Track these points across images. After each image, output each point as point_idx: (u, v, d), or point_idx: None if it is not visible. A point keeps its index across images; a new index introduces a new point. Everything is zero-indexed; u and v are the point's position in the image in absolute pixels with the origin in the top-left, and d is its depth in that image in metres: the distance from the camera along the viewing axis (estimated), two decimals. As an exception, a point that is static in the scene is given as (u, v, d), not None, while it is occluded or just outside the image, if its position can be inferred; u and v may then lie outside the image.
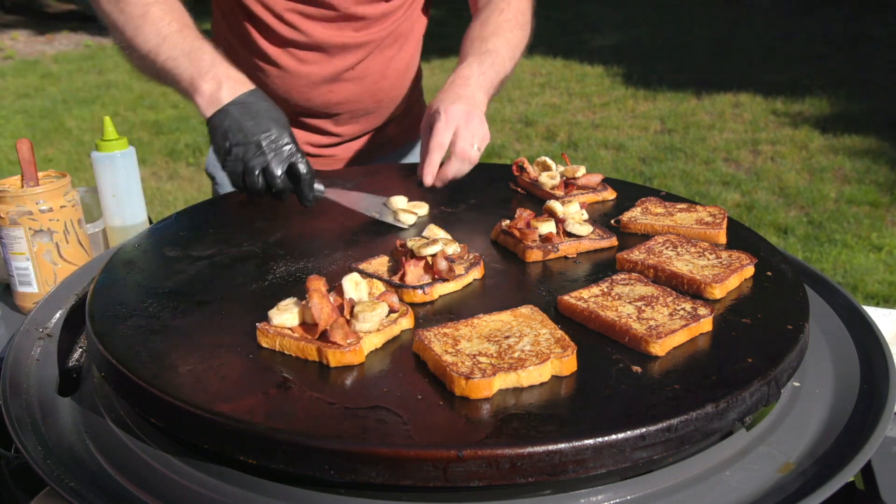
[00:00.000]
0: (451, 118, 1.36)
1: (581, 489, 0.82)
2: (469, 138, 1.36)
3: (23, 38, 9.46)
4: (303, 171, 1.27)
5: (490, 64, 1.50)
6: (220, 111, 1.28)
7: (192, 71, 1.32)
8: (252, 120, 1.26)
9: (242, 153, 1.26)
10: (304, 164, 1.28)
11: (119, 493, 0.85)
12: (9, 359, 1.07)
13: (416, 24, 1.79)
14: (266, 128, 1.26)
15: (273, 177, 1.26)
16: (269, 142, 1.26)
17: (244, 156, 1.26)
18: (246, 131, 1.26)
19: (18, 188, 1.41)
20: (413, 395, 0.85)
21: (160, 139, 5.89)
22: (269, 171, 1.26)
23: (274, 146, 1.26)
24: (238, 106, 1.28)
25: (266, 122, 1.27)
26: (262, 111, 1.28)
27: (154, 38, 1.34)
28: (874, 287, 3.52)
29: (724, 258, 1.13)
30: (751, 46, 8.09)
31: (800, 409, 0.97)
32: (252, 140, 1.25)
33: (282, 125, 1.28)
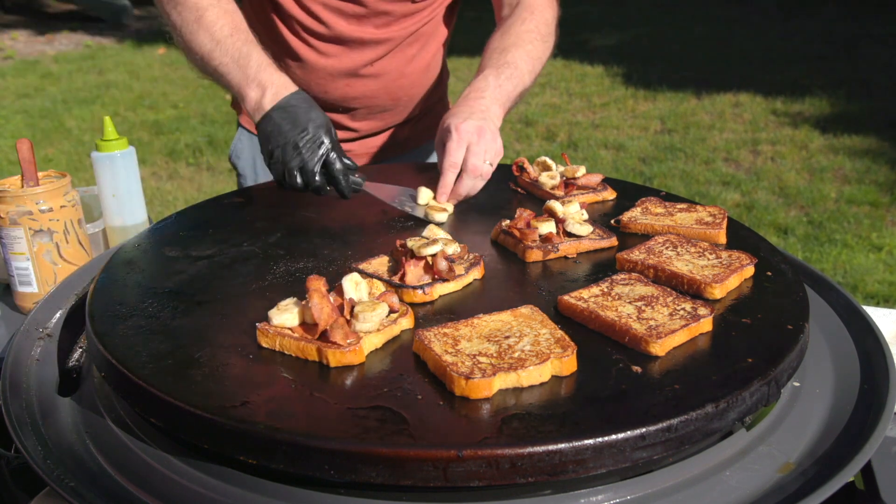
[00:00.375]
0: (462, 136, 1.37)
1: (581, 489, 0.82)
2: (481, 155, 1.37)
3: (23, 38, 9.46)
4: (336, 168, 1.34)
5: (507, 77, 1.50)
6: (263, 117, 1.36)
7: (239, 78, 1.39)
8: (290, 123, 1.33)
9: (282, 155, 1.33)
10: (339, 162, 1.34)
11: (119, 493, 0.85)
12: (9, 359, 1.07)
13: (441, 25, 1.79)
14: (303, 128, 1.33)
15: (309, 175, 1.33)
16: (305, 142, 1.32)
17: (283, 158, 1.33)
18: (284, 134, 1.33)
19: (18, 188, 1.41)
20: (413, 395, 0.85)
21: (160, 139, 5.89)
22: (305, 170, 1.33)
23: (310, 146, 1.32)
24: (279, 111, 1.34)
25: (303, 122, 1.33)
26: (301, 113, 1.34)
27: (208, 42, 1.40)
28: (874, 287, 3.51)
29: (724, 258, 1.13)
30: (751, 46, 8.09)
31: (800, 409, 0.97)
32: (290, 141, 1.32)
33: (318, 124, 1.34)
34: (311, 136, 1.32)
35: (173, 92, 7.17)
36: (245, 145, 1.87)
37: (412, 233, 1.28)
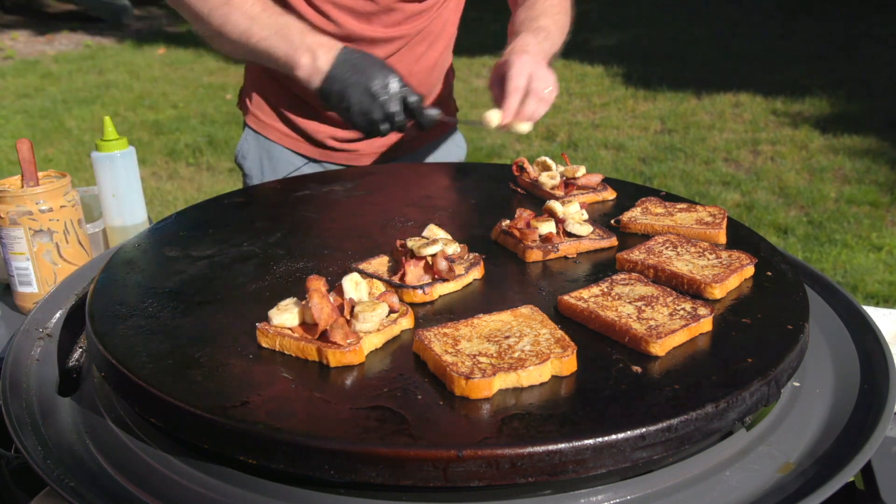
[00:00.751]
0: (524, 64, 1.43)
1: (581, 489, 0.82)
2: (544, 81, 1.43)
3: (23, 38, 9.46)
4: (413, 101, 1.41)
5: (544, 37, 1.56)
6: (326, 79, 1.39)
7: (285, 48, 1.41)
8: (356, 74, 1.37)
9: (360, 107, 1.38)
10: (413, 95, 1.41)
11: (119, 493, 0.85)
12: (9, 359, 1.07)
13: (448, 24, 1.80)
14: (370, 75, 1.37)
15: (392, 114, 1.39)
16: (378, 88, 1.37)
17: (362, 108, 1.38)
18: (355, 85, 1.37)
19: (18, 188, 1.41)
20: (413, 395, 0.85)
21: (160, 139, 5.89)
22: (387, 112, 1.39)
23: (384, 90, 1.37)
24: (339, 67, 1.38)
25: (368, 70, 1.38)
26: (361, 62, 1.39)
27: (243, 21, 1.42)
28: (874, 287, 3.52)
29: (724, 258, 1.13)
30: (751, 46, 8.09)
31: (800, 409, 0.97)
32: (363, 90, 1.37)
33: (382, 67, 1.39)
34: (381, 80, 1.37)
35: (173, 92, 7.17)
36: (251, 145, 1.88)
37: (412, 233, 1.28)
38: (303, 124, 1.81)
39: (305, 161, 1.86)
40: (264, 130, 1.85)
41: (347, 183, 1.55)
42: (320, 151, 1.84)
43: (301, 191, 1.52)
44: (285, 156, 1.85)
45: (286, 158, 1.85)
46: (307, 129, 1.81)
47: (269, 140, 1.84)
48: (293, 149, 1.84)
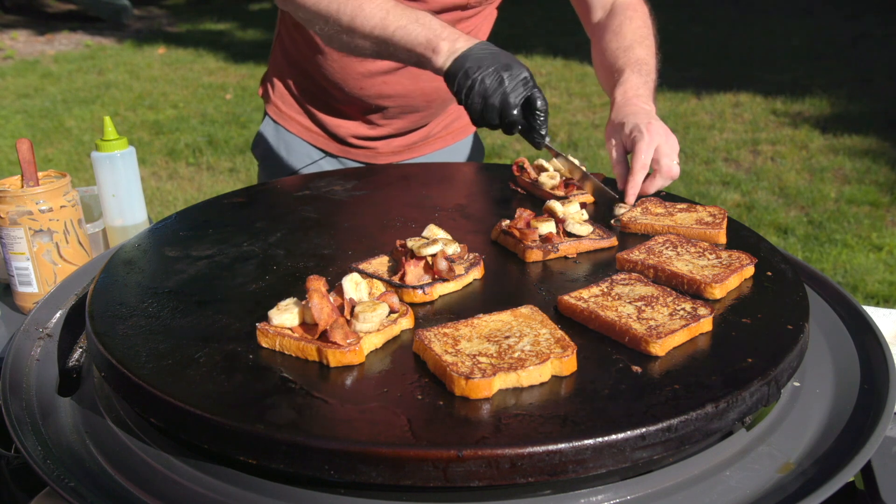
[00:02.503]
0: (653, 137, 1.36)
1: (581, 489, 0.82)
2: (673, 156, 1.37)
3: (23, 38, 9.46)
4: (538, 104, 1.32)
5: (647, 73, 1.52)
6: (459, 56, 1.34)
7: (427, 34, 1.38)
8: (491, 57, 1.32)
9: (482, 88, 1.31)
10: (541, 98, 1.32)
11: (119, 493, 0.85)
12: (9, 359, 1.07)
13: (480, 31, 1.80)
14: (505, 63, 1.31)
15: (509, 107, 1.31)
16: (508, 74, 1.30)
17: (484, 90, 1.31)
18: (487, 66, 1.31)
19: (18, 188, 1.41)
20: (413, 395, 0.85)
21: (160, 139, 5.89)
22: (506, 102, 1.30)
23: (512, 78, 1.30)
24: (476, 50, 1.34)
25: (503, 58, 1.32)
26: (498, 52, 1.33)
27: (378, 12, 1.41)
28: (874, 287, 3.51)
29: (724, 258, 1.13)
30: (751, 46, 8.09)
31: (800, 409, 0.97)
32: (492, 72, 1.30)
33: (517, 62, 1.34)
34: (514, 71, 1.31)
35: (173, 92, 7.17)
36: (270, 135, 1.88)
37: (412, 233, 1.28)
38: (324, 119, 1.82)
39: (323, 155, 1.87)
40: (284, 122, 1.85)
41: (348, 183, 1.55)
42: (339, 147, 1.85)
43: (301, 191, 1.52)
44: (304, 148, 1.86)
45: (304, 151, 1.86)
46: (328, 124, 1.82)
47: (288, 131, 1.85)
48: (312, 142, 1.85)
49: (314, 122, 1.84)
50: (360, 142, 1.84)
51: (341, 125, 1.81)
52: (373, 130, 1.81)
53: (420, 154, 1.91)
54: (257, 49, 8.74)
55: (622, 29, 1.60)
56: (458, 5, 1.66)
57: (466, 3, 1.67)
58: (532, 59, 7.82)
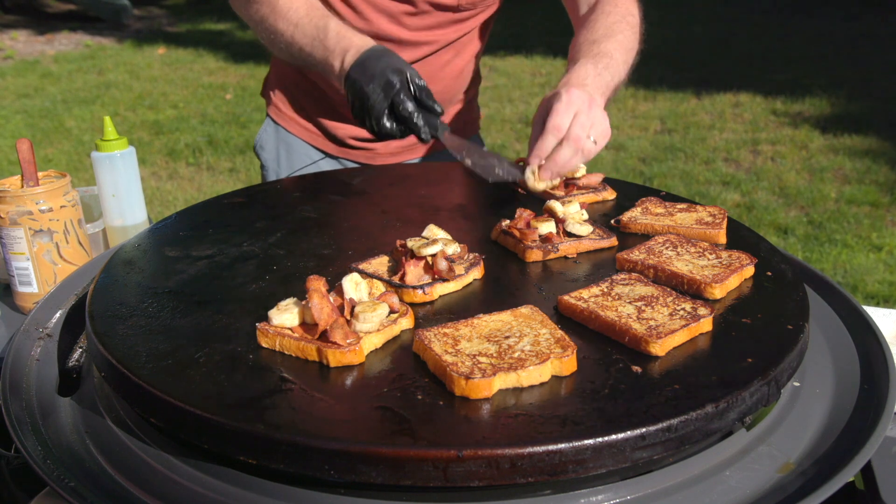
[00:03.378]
0: (572, 101, 1.29)
1: (581, 489, 0.82)
2: (587, 126, 1.28)
3: (23, 38, 9.46)
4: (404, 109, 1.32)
5: (605, 66, 1.43)
6: (345, 81, 1.37)
7: (322, 54, 1.40)
8: (363, 76, 1.34)
9: (356, 111, 1.35)
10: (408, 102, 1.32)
11: (119, 493, 0.85)
12: (9, 359, 1.07)
13: (476, 38, 1.80)
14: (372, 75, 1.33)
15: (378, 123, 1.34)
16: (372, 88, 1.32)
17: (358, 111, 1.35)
18: (359, 89, 1.34)
19: (18, 188, 1.41)
20: (413, 395, 0.85)
21: (160, 139, 5.89)
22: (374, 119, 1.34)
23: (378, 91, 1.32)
24: (355, 68, 1.36)
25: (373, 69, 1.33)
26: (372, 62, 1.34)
27: (288, 28, 1.42)
28: (874, 287, 3.51)
29: (724, 258, 1.13)
30: (751, 46, 8.09)
31: (800, 409, 0.97)
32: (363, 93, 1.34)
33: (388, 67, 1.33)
34: (380, 81, 1.31)
35: (173, 92, 7.17)
36: (270, 136, 1.89)
37: (412, 233, 1.28)
38: (323, 121, 1.83)
39: (322, 156, 1.88)
40: (285, 123, 1.86)
41: (348, 183, 1.55)
42: (338, 148, 1.86)
43: (301, 191, 1.52)
44: (303, 149, 1.87)
45: (304, 151, 1.87)
46: (327, 125, 1.83)
47: (288, 132, 1.86)
48: (312, 143, 1.86)
49: (313, 123, 1.84)
50: (358, 143, 1.84)
51: (339, 127, 1.82)
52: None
53: (419, 155, 1.91)
54: (257, 49, 8.73)
55: (595, 23, 1.55)
56: (448, 6, 1.66)
57: (458, 5, 1.67)
58: (532, 59, 7.82)
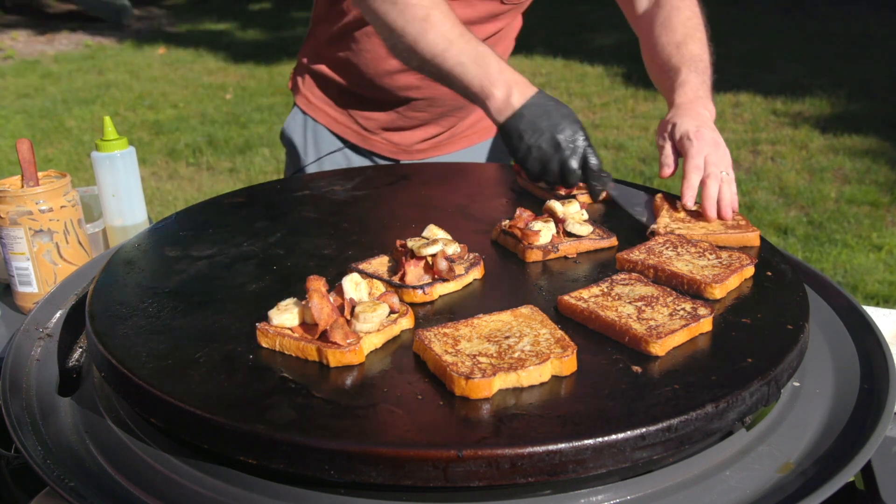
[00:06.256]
0: (702, 145, 1.34)
1: (581, 489, 0.82)
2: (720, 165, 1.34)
3: (23, 38, 9.45)
4: (593, 164, 1.35)
5: (703, 70, 1.48)
6: (514, 115, 1.35)
7: (482, 78, 1.38)
8: (547, 120, 1.33)
9: (539, 154, 1.34)
10: (595, 158, 1.35)
11: (119, 493, 0.85)
12: (9, 359, 1.07)
13: (511, 31, 1.80)
14: (560, 126, 1.33)
15: (570, 172, 1.34)
16: (563, 137, 1.33)
17: (541, 155, 1.34)
18: (542, 130, 1.33)
19: (18, 188, 1.41)
20: (413, 395, 0.85)
21: (160, 139, 5.89)
22: (566, 167, 1.34)
23: (569, 142, 1.33)
24: (530, 108, 1.35)
25: (558, 119, 1.34)
26: (553, 110, 1.34)
27: (441, 42, 1.39)
28: (874, 287, 3.51)
29: (724, 258, 1.13)
30: (751, 46, 8.09)
31: (800, 409, 0.97)
32: (548, 137, 1.33)
33: (573, 120, 1.35)
34: (570, 134, 1.33)
35: (173, 92, 7.17)
36: (298, 123, 1.92)
37: (412, 233, 1.28)
38: (353, 111, 1.85)
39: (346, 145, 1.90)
40: (313, 112, 1.88)
41: (347, 183, 1.55)
42: (366, 140, 1.88)
43: (301, 191, 1.52)
44: (330, 138, 1.89)
45: (330, 140, 1.89)
46: (357, 115, 1.85)
47: (316, 122, 1.89)
48: (340, 133, 1.88)
49: (343, 113, 1.86)
50: (387, 134, 1.86)
51: (370, 116, 1.83)
52: (400, 121, 1.83)
53: (445, 152, 1.92)
54: (257, 49, 8.74)
55: (671, 21, 1.54)
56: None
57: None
58: (532, 59, 7.82)
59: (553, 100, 1.37)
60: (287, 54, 8.21)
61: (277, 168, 5.16)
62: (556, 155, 1.33)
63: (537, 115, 1.33)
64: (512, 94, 1.35)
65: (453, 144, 1.93)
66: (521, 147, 1.35)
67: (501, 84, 1.36)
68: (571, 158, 1.33)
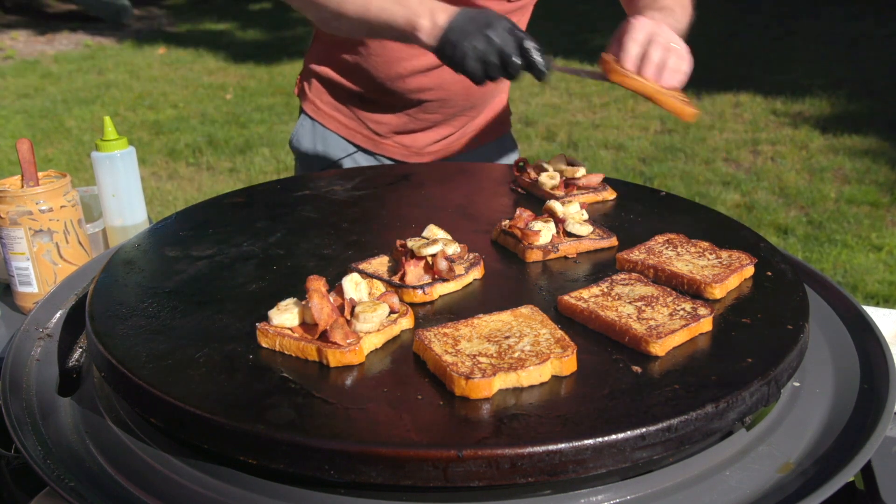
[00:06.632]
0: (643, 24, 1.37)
1: (581, 489, 0.82)
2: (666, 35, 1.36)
3: (23, 38, 9.46)
4: (529, 46, 1.36)
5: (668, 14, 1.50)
6: (446, 30, 1.39)
7: (406, 14, 1.41)
8: (473, 24, 1.36)
9: (476, 53, 1.36)
10: (530, 41, 1.37)
11: (119, 493, 0.85)
12: (9, 359, 1.07)
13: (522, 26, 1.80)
14: (489, 23, 1.36)
15: (509, 60, 1.36)
16: (494, 32, 1.35)
17: (480, 53, 1.36)
18: (473, 32, 1.36)
19: (18, 188, 1.41)
20: (413, 395, 0.85)
21: (160, 139, 5.89)
22: (504, 55, 1.35)
23: (502, 34, 1.35)
24: (456, 20, 1.38)
25: (484, 19, 1.37)
26: (478, 14, 1.38)
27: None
28: (874, 287, 3.51)
29: (724, 258, 1.13)
30: (751, 46, 8.09)
31: (800, 409, 0.97)
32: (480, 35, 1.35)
33: (499, 17, 1.38)
34: (499, 26, 1.36)
35: (173, 92, 7.17)
36: (307, 130, 1.91)
37: (412, 233, 1.28)
38: (363, 114, 1.84)
39: (357, 149, 1.89)
40: (322, 118, 1.88)
41: (347, 183, 1.55)
42: (376, 143, 1.87)
43: (301, 191, 1.52)
44: (340, 143, 1.89)
45: (340, 145, 1.89)
46: (366, 119, 1.85)
47: (325, 127, 1.88)
48: (349, 138, 1.88)
49: (352, 117, 1.86)
50: (398, 137, 1.86)
51: (381, 120, 1.83)
52: (412, 124, 1.83)
53: (455, 153, 1.92)
54: (257, 49, 8.74)
55: None
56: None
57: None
58: (532, 59, 7.82)
59: (475, 9, 1.41)
60: (287, 54, 8.21)
61: (277, 168, 5.16)
62: (490, 48, 1.35)
63: (464, 23, 1.37)
64: (437, 17, 1.39)
65: (463, 146, 1.93)
66: (458, 55, 1.37)
67: (425, 12, 1.40)
68: (507, 46, 1.35)
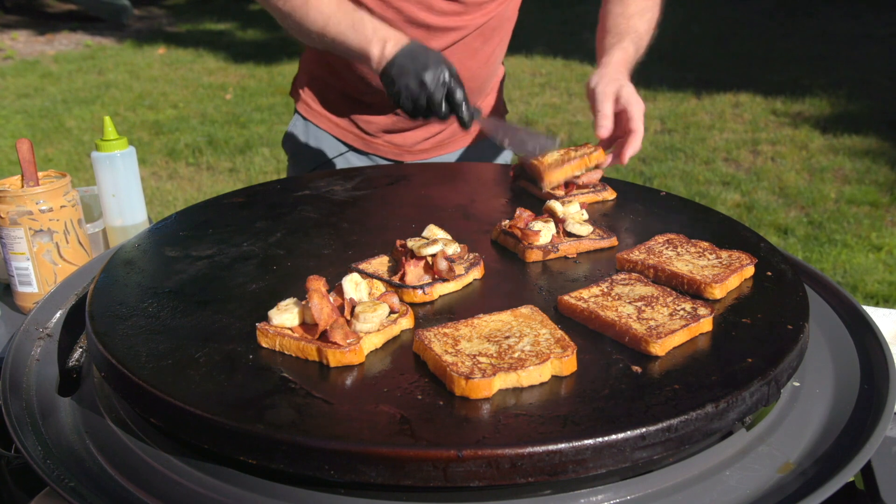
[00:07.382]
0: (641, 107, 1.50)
1: (581, 489, 0.82)
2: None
3: (23, 38, 9.45)
4: (458, 97, 1.48)
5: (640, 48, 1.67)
6: (388, 63, 1.49)
7: (360, 40, 1.52)
8: (413, 63, 1.46)
9: (408, 93, 1.47)
10: (460, 92, 1.48)
11: (119, 493, 0.85)
12: (9, 359, 1.07)
13: (506, 21, 1.83)
14: (426, 67, 1.46)
15: (436, 106, 1.47)
16: (429, 76, 1.45)
17: (411, 94, 1.47)
18: (410, 73, 1.46)
19: (18, 188, 1.41)
20: (413, 395, 0.85)
21: (160, 139, 5.89)
22: (432, 102, 1.47)
23: (434, 80, 1.45)
24: (401, 56, 1.48)
25: (424, 61, 1.47)
26: (421, 54, 1.48)
27: (320, 18, 1.54)
28: (874, 287, 3.51)
29: (724, 258, 1.13)
30: (751, 46, 8.09)
31: (800, 409, 0.97)
32: (416, 78, 1.46)
33: (439, 61, 1.47)
34: (434, 71, 1.45)
35: (173, 92, 7.17)
36: (300, 131, 1.95)
37: (412, 233, 1.28)
38: (354, 116, 1.87)
39: (349, 149, 1.91)
40: (314, 118, 1.91)
41: (347, 183, 1.55)
42: (368, 143, 1.89)
43: (301, 191, 1.52)
44: (332, 143, 1.91)
45: (333, 145, 1.91)
46: (358, 120, 1.88)
47: (318, 128, 1.91)
48: (341, 138, 1.90)
49: (344, 118, 1.88)
50: (388, 136, 1.88)
51: (371, 120, 1.86)
52: (401, 123, 1.85)
53: (447, 152, 1.94)
54: (257, 49, 8.74)
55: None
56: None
57: None
58: (532, 59, 7.82)
59: (424, 46, 1.50)
60: (287, 54, 8.21)
61: (277, 168, 5.16)
62: (422, 92, 1.45)
63: (406, 61, 1.46)
64: (386, 47, 1.48)
65: (455, 143, 1.94)
66: (393, 91, 1.48)
67: (377, 41, 1.49)
68: (436, 93, 1.45)
